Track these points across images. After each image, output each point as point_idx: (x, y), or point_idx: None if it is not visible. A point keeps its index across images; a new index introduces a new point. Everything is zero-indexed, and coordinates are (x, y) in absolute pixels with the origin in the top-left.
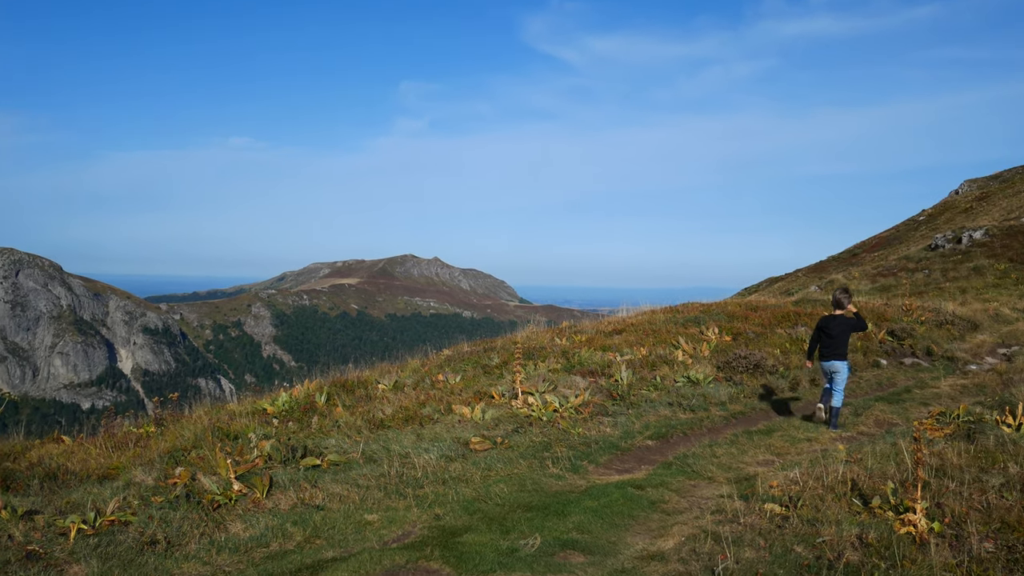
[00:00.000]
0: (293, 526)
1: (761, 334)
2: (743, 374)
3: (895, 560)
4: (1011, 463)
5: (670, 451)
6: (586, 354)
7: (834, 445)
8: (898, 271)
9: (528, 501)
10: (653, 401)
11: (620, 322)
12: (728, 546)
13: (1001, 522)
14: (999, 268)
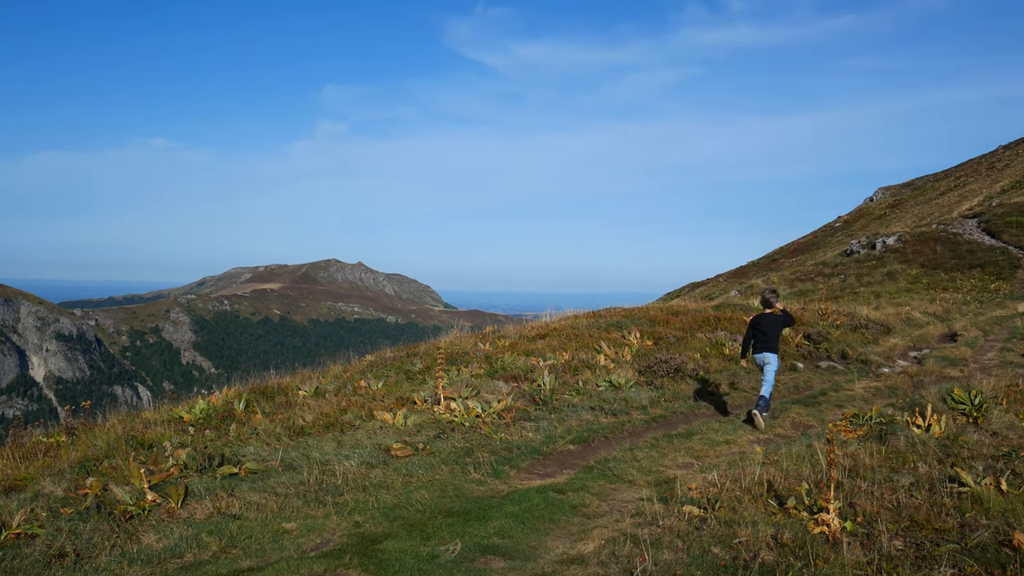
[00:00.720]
0: (209, 536)
1: (682, 338)
2: (664, 378)
3: (809, 559)
4: (920, 463)
5: (592, 455)
6: (509, 359)
7: (752, 447)
8: (815, 276)
9: (449, 507)
10: (575, 406)
11: (544, 327)
12: (647, 548)
13: (910, 520)
14: (911, 273)
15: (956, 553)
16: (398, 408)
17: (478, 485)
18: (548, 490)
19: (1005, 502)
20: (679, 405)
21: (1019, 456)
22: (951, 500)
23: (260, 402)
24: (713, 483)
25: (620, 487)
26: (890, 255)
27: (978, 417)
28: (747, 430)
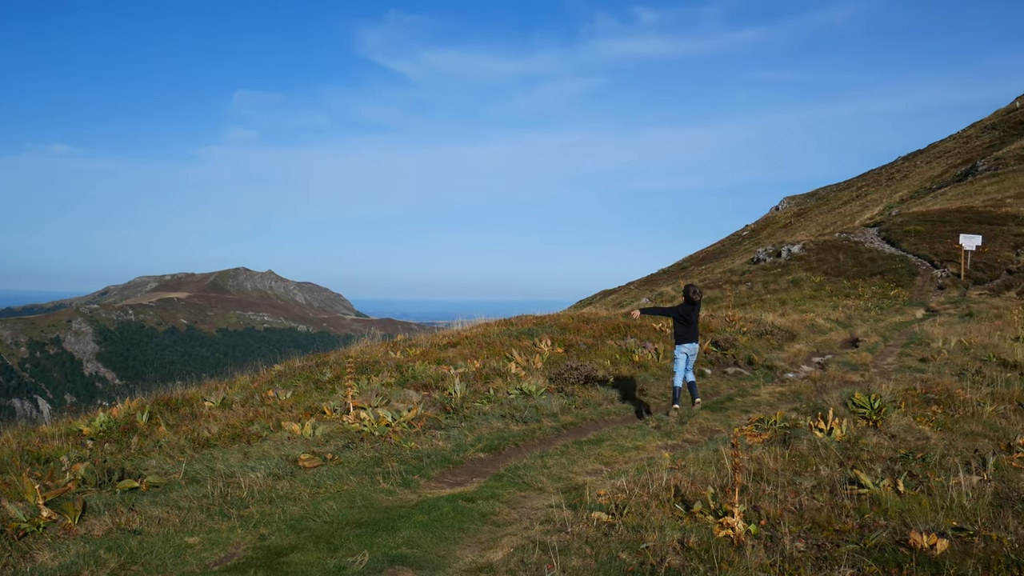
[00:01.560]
0: (107, 552)
1: (592, 345)
2: (575, 385)
3: (714, 563)
4: (822, 466)
5: (502, 463)
6: (420, 367)
7: (660, 453)
8: (723, 284)
9: (358, 517)
10: (486, 414)
11: (455, 335)
12: (555, 555)
13: (812, 522)
14: (815, 281)
15: (855, 553)
16: (307, 418)
17: (387, 495)
18: (458, 499)
19: (902, 503)
20: (589, 412)
21: (916, 458)
22: (851, 502)
23: (164, 414)
24: (622, 489)
25: (530, 494)
26: (795, 263)
27: (878, 420)
28: (656, 435)
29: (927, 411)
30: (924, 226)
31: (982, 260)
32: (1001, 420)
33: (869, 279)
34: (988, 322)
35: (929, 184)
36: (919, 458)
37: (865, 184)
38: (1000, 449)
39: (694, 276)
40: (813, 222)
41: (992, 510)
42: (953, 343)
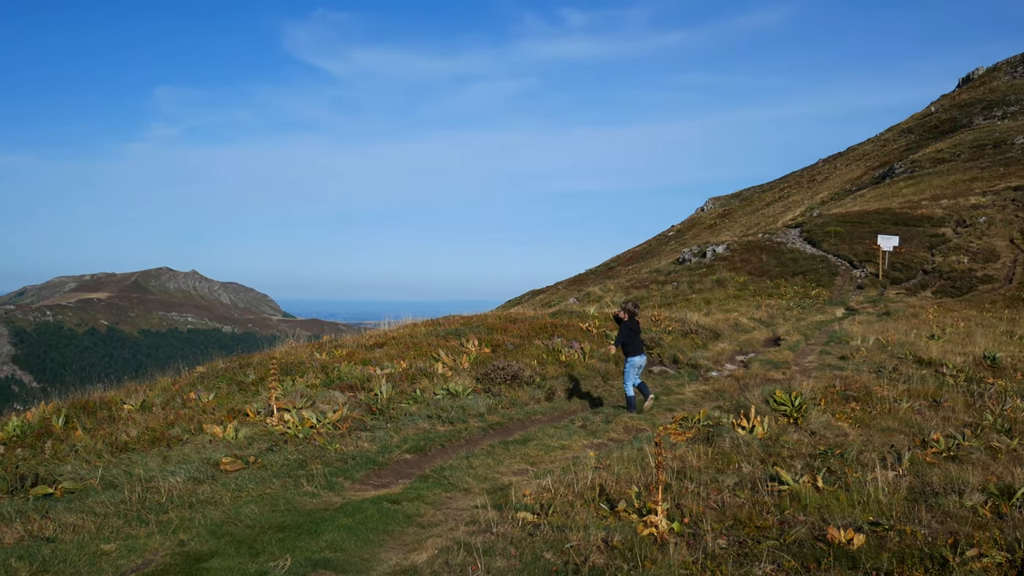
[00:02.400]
0: (18, 561)
1: (520, 345)
2: (501, 385)
3: (637, 561)
4: (744, 463)
5: (428, 464)
6: (346, 368)
7: (585, 452)
8: (649, 283)
9: (280, 521)
10: (413, 414)
11: (382, 335)
12: (480, 556)
13: (734, 519)
14: (739, 280)
15: (775, 549)
16: (229, 421)
17: (311, 498)
18: (383, 501)
19: (821, 499)
20: (516, 412)
21: (835, 454)
22: (772, 498)
23: (81, 417)
24: (547, 489)
25: (456, 495)
26: (720, 263)
27: (798, 418)
28: (582, 435)
29: (846, 408)
30: (844, 227)
31: (899, 260)
32: (916, 416)
33: (791, 279)
34: (905, 321)
35: (849, 186)
36: (838, 454)
37: (788, 186)
38: (915, 444)
39: (621, 276)
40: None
41: (907, 504)
42: (871, 341)
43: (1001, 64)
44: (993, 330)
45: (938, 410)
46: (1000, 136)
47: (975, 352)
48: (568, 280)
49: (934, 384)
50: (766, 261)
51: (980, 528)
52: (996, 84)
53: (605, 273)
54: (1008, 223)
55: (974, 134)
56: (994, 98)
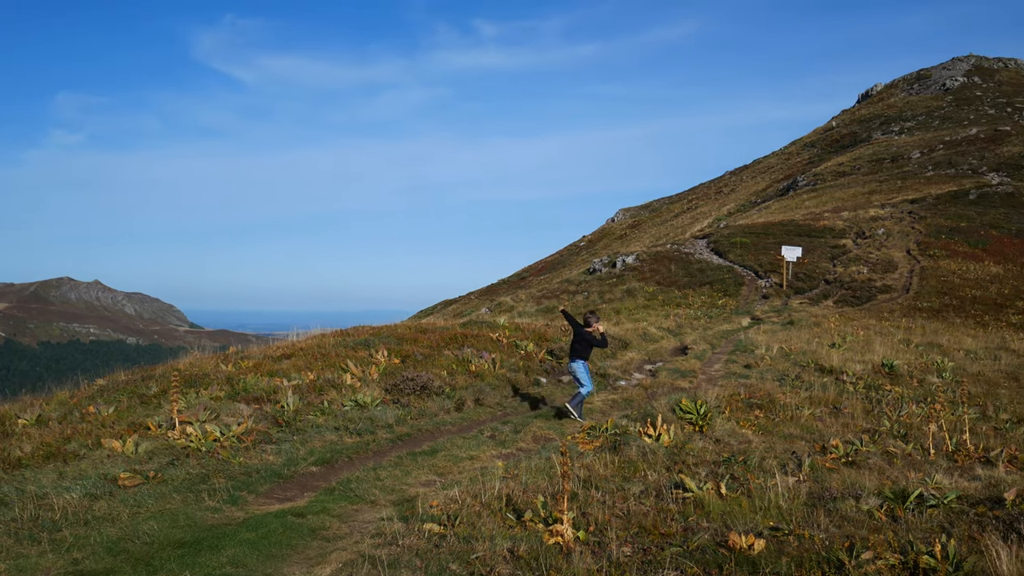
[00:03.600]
0: None
1: (430, 355)
2: (411, 396)
3: (542, 570)
4: (650, 471)
5: (334, 476)
6: (252, 380)
7: (494, 462)
8: (561, 293)
9: (180, 537)
10: (320, 426)
11: (290, 346)
12: (384, 569)
13: (639, 526)
14: (648, 290)
15: (679, 556)
16: (129, 435)
17: (213, 513)
18: (287, 514)
19: (724, 505)
20: (425, 422)
21: (738, 461)
22: (676, 505)
23: None
24: (454, 499)
25: (362, 508)
26: (629, 273)
27: (703, 425)
28: (490, 445)
29: (750, 415)
30: (750, 238)
31: (802, 271)
32: (817, 423)
33: (699, 289)
34: (807, 330)
35: (754, 198)
36: (741, 461)
37: (696, 197)
38: (815, 450)
39: (533, 286)
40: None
41: (806, 509)
42: (775, 350)
43: (898, 81)
44: (891, 338)
45: (838, 416)
46: (898, 151)
47: (874, 360)
48: (481, 290)
49: (835, 391)
50: (675, 271)
51: (875, 531)
52: (893, 100)
53: (517, 283)
54: (905, 235)
55: (873, 148)
56: (891, 114)
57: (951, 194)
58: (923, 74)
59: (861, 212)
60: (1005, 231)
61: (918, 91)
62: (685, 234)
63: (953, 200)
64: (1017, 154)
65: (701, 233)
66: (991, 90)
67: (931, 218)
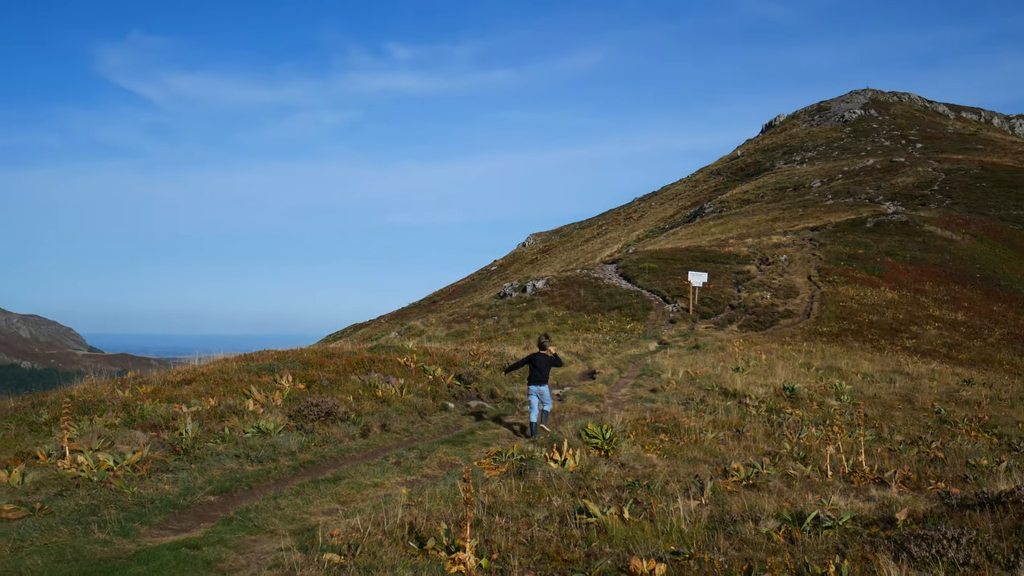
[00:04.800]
0: None
1: (336, 381)
2: (315, 422)
3: None
4: (555, 497)
5: (233, 506)
6: (150, 406)
7: (398, 489)
8: (471, 317)
9: (66, 572)
10: (220, 454)
11: (191, 371)
12: None
13: (542, 553)
14: (558, 315)
15: None
16: (16, 464)
17: (103, 546)
18: (181, 546)
19: (627, 530)
20: (329, 449)
21: (642, 485)
22: (580, 531)
23: None
24: (356, 528)
25: (261, 538)
26: (540, 298)
27: (609, 450)
28: (395, 472)
29: (655, 439)
30: (658, 263)
31: (708, 296)
32: (720, 446)
33: (608, 313)
34: (713, 354)
35: (663, 224)
36: (645, 485)
37: (606, 223)
38: (718, 474)
39: (444, 310)
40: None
41: (707, 533)
42: (681, 374)
43: (800, 112)
44: (792, 362)
45: (740, 440)
46: (799, 180)
47: (776, 383)
48: (391, 314)
49: (738, 415)
50: (584, 296)
51: (773, 553)
52: (795, 131)
53: (428, 307)
54: (806, 261)
55: (776, 177)
56: (794, 144)
57: (850, 222)
58: (823, 106)
59: (765, 239)
60: (900, 258)
61: (819, 122)
62: (595, 259)
63: (851, 228)
64: (911, 184)
65: (611, 258)
66: (887, 123)
67: (831, 245)
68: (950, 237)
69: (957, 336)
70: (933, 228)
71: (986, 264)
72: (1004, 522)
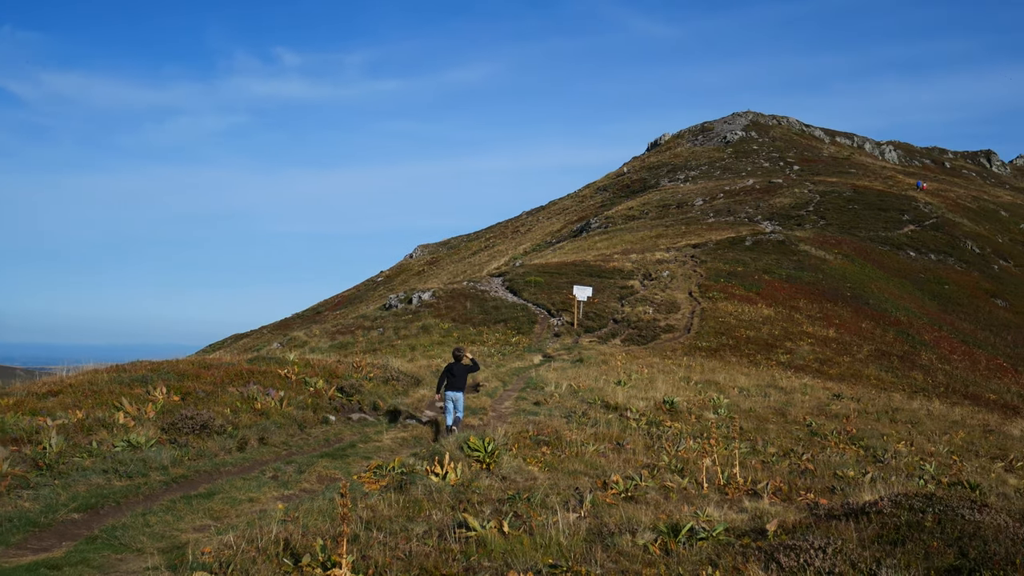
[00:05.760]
0: None
1: (213, 393)
2: (189, 435)
3: None
4: (435, 510)
5: (99, 523)
6: (11, 419)
7: (274, 504)
8: (355, 329)
9: None
10: (86, 469)
11: (58, 382)
12: None
13: (420, 568)
14: (444, 327)
15: None
16: None
17: None
18: (40, 567)
19: (506, 543)
20: (204, 463)
21: (523, 498)
22: (459, 545)
23: None
24: (229, 545)
25: (127, 557)
26: (425, 309)
27: (491, 463)
28: (272, 486)
29: (537, 452)
30: (544, 277)
31: (593, 310)
32: (601, 459)
33: (494, 326)
34: (596, 367)
35: (550, 238)
36: (525, 498)
37: (493, 236)
38: (597, 486)
39: (328, 321)
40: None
41: (585, 545)
42: (564, 387)
43: (684, 132)
44: (673, 376)
45: (621, 452)
46: (683, 198)
47: (656, 397)
48: (274, 324)
49: (619, 427)
50: (470, 308)
51: (649, 565)
52: (680, 150)
53: (312, 318)
54: (688, 277)
55: (661, 195)
56: (678, 162)
57: (729, 240)
58: (707, 127)
59: (648, 255)
60: (776, 276)
61: (702, 142)
62: (482, 272)
63: (731, 246)
64: (788, 205)
65: (497, 271)
66: (766, 145)
67: (711, 262)
68: (823, 257)
69: (828, 352)
70: (808, 248)
71: (856, 283)
72: (868, 532)
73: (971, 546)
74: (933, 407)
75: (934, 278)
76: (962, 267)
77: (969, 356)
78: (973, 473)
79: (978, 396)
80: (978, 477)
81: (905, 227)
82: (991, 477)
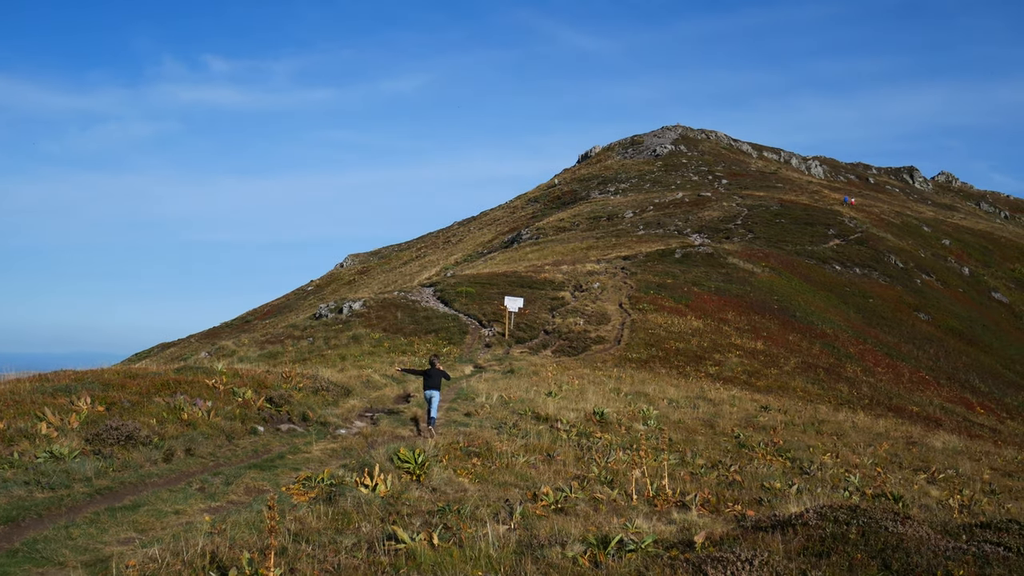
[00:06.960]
0: None
1: (138, 403)
2: (114, 446)
3: None
4: (364, 523)
5: (19, 536)
6: None
7: (201, 516)
8: (285, 338)
9: None
10: (7, 480)
11: None
12: None
13: None
14: (375, 337)
15: None
16: None
17: None
18: None
19: (436, 556)
20: (129, 475)
21: (453, 510)
22: (388, 558)
23: None
24: (154, 558)
25: (49, 570)
26: (356, 319)
27: (421, 475)
28: (199, 498)
29: (468, 464)
30: (475, 288)
31: (524, 321)
32: (532, 470)
33: (425, 336)
34: (527, 378)
35: (481, 248)
36: (456, 510)
37: (424, 246)
38: (528, 498)
39: (258, 330)
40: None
41: (515, 558)
42: (495, 398)
43: (614, 145)
44: (603, 387)
45: (551, 464)
46: (613, 210)
47: (587, 408)
48: (202, 333)
49: (549, 439)
50: (401, 318)
51: None
52: (610, 162)
53: (241, 327)
54: (618, 289)
55: (591, 207)
56: (608, 175)
57: (659, 252)
58: (636, 140)
59: (579, 266)
60: (705, 288)
61: (632, 155)
62: (413, 282)
63: (661, 258)
64: (717, 218)
65: (429, 281)
66: (695, 158)
67: (641, 274)
68: (751, 269)
69: (756, 364)
70: (736, 260)
71: (783, 296)
72: (794, 543)
73: (894, 558)
74: (858, 419)
75: (859, 292)
76: (886, 281)
77: (893, 369)
78: (897, 485)
79: (902, 408)
80: (901, 489)
81: (831, 241)
82: (914, 489)
